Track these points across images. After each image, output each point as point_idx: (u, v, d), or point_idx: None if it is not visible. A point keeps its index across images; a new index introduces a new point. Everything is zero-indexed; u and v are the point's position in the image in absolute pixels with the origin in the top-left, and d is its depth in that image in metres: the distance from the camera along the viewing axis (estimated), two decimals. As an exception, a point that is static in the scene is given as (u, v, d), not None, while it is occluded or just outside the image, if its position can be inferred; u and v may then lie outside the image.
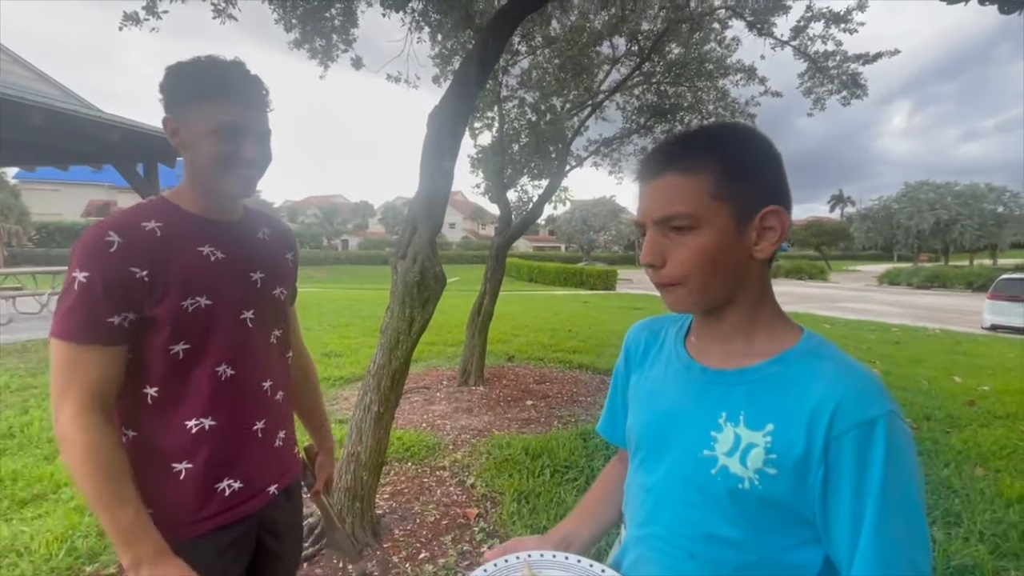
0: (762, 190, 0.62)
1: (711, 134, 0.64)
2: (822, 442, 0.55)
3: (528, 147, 5.54)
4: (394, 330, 2.26)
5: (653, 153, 0.65)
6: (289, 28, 4.13)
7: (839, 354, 0.62)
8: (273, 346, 1.00)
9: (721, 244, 0.61)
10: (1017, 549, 2.22)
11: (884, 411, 0.55)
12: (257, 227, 1.02)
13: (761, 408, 0.61)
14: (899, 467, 0.53)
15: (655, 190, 0.63)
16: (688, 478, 0.65)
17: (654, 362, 0.78)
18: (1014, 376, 5.87)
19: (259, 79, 0.92)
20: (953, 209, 29.93)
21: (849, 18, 4.84)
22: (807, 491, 0.57)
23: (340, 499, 2.18)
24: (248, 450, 0.94)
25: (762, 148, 0.63)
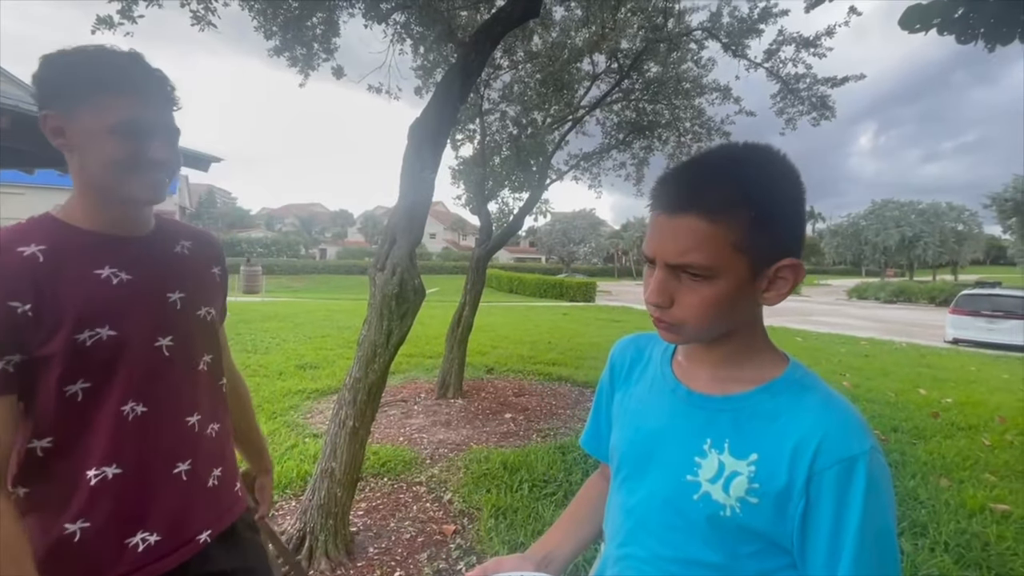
0: (784, 241, 0.59)
1: (744, 176, 0.57)
2: (804, 475, 0.56)
3: (509, 160, 5.58)
4: (371, 343, 2.23)
5: (676, 184, 0.59)
6: (269, 36, 4.09)
7: (823, 387, 0.63)
8: (202, 375, 0.89)
9: (732, 294, 0.59)
10: (980, 559, 2.28)
11: (866, 448, 0.56)
12: (173, 240, 0.90)
13: (746, 437, 0.61)
14: (877, 504, 0.55)
15: (675, 230, 0.58)
16: (669, 501, 0.65)
17: (639, 380, 0.78)
18: (975, 389, 6.09)
19: (163, 74, 0.81)
20: (917, 226, 31.20)
21: (818, 43, 5.04)
22: (786, 521, 0.58)
23: (313, 516, 2.12)
24: (168, 496, 0.82)
25: (792, 193, 0.59)
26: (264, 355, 6.30)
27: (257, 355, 6.28)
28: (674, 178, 0.60)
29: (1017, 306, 11.09)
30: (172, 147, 0.82)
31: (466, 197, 5.86)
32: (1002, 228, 20.55)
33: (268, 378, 5.15)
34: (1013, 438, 4.06)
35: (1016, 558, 2.29)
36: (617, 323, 12.81)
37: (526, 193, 5.81)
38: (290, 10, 3.75)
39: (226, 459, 0.95)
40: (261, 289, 17.46)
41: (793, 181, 0.60)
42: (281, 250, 40.17)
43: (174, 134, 0.82)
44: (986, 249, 40.62)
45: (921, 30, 2.89)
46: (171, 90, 0.82)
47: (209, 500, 0.89)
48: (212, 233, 1.02)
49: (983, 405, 5.15)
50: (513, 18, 2.73)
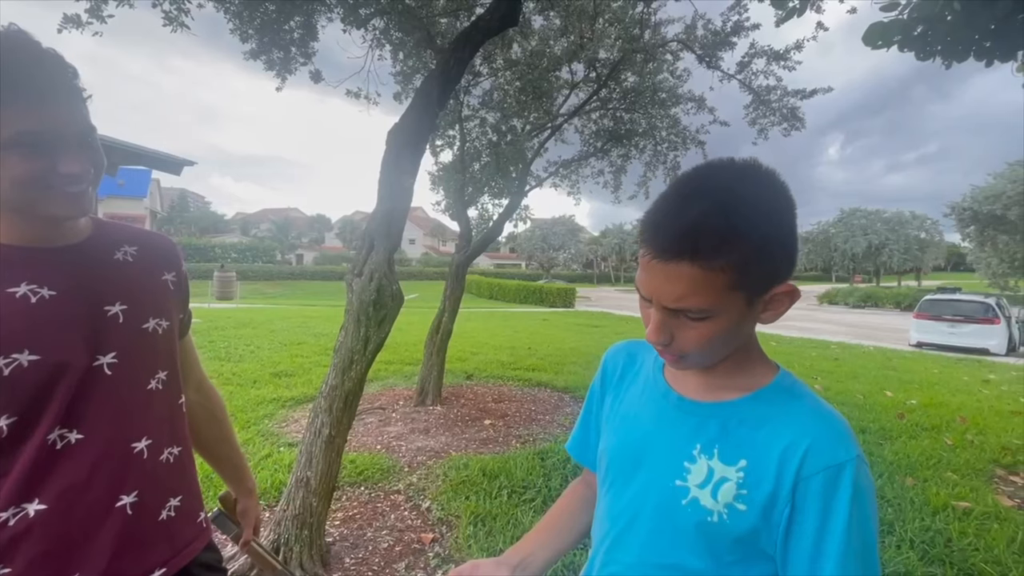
0: (778, 270, 0.59)
1: (736, 215, 0.55)
2: (791, 481, 0.57)
3: (489, 166, 5.59)
4: (348, 349, 2.20)
5: (667, 231, 0.57)
6: (245, 38, 4.03)
7: (811, 395, 0.64)
8: (154, 395, 0.80)
9: (731, 326, 0.60)
10: (943, 555, 2.36)
11: (852, 456, 0.57)
12: (113, 246, 0.80)
13: (735, 443, 0.62)
14: (862, 511, 0.55)
15: (669, 277, 0.57)
16: (658, 506, 0.65)
17: (631, 386, 0.78)
18: (938, 390, 6.33)
19: (60, 58, 0.67)
20: (883, 234, 32.36)
21: (788, 56, 5.22)
22: (772, 528, 0.58)
23: (287, 527, 2.08)
24: (107, 533, 0.72)
25: (785, 218, 0.58)
26: (238, 363, 6.15)
27: (231, 363, 6.13)
28: (664, 222, 0.58)
29: (976, 311, 11.58)
30: (87, 152, 0.70)
31: (446, 203, 5.86)
32: (961, 236, 21.44)
33: (242, 386, 5.03)
34: (973, 437, 4.23)
35: (977, 553, 2.38)
36: (596, 328, 12.91)
37: (506, 199, 5.83)
38: (267, 13, 3.71)
39: (187, 487, 0.86)
40: (235, 295, 17.04)
41: (785, 204, 0.59)
42: (256, 255, 39.31)
43: (88, 135, 0.70)
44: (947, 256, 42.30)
45: (883, 47, 3.02)
46: (73, 78, 0.69)
47: (162, 535, 0.80)
48: (165, 236, 0.92)
49: (945, 406, 5.35)
50: (492, 26, 2.76)
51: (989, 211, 17.56)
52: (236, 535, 1.06)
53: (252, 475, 1.10)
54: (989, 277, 20.85)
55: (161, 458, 0.80)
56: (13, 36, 0.65)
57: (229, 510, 1.07)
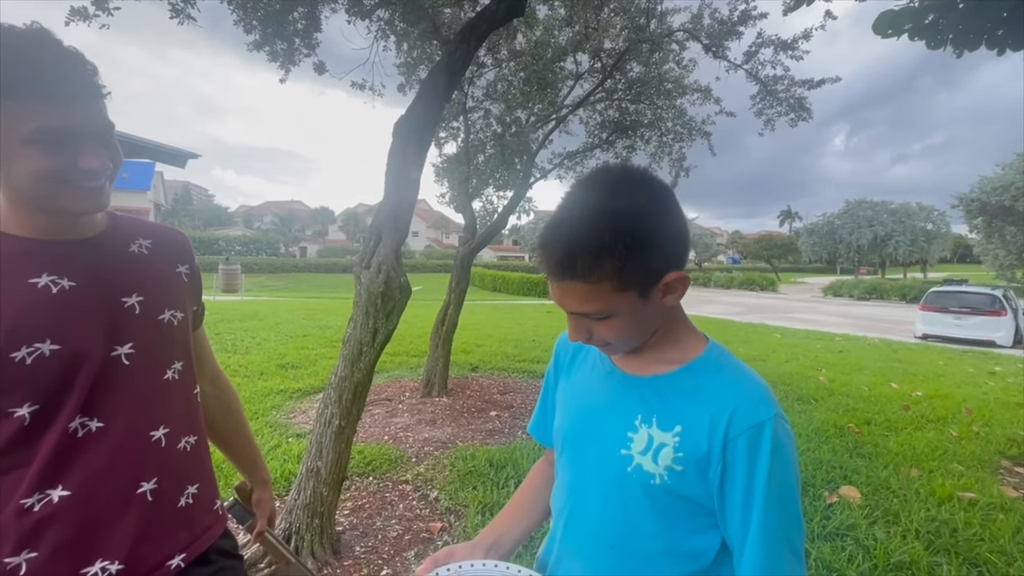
0: (661, 261, 0.65)
1: (605, 230, 0.61)
2: (721, 442, 0.64)
3: (493, 158, 5.58)
4: (357, 341, 2.22)
5: (548, 255, 0.65)
6: (249, 30, 4.02)
7: (737, 363, 0.72)
8: (171, 384, 0.81)
9: (635, 316, 0.67)
10: (949, 544, 2.38)
11: (771, 415, 0.64)
12: (128, 239, 0.82)
13: (671, 411, 0.69)
14: (781, 463, 0.63)
15: (564, 292, 0.66)
16: (607, 475, 0.72)
17: (580, 367, 0.85)
18: (943, 382, 6.32)
19: (80, 55, 0.68)
20: (888, 225, 32.09)
21: (796, 46, 5.16)
22: (708, 484, 0.66)
23: (299, 516, 2.11)
24: (129, 519, 0.74)
25: (658, 218, 0.64)
26: (244, 355, 6.19)
27: (237, 355, 6.17)
28: (545, 247, 0.65)
29: (983, 302, 11.51)
30: (106, 149, 0.71)
31: (450, 195, 5.85)
32: (969, 227, 21.26)
33: (249, 378, 5.07)
34: (979, 429, 4.23)
35: (982, 543, 2.39)
36: (600, 321, 12.89)
37: (510, 191, 5.82)
38: (271, 4, 3.69)
39: (203, 475, 0.88)
40: (240, 288, 17.12)
41: (658, 204, 0.64)
42: (260, 248, 39.41)
43: (107, 131, 0.71)
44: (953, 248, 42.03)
45: (893, 35, 2.99)
46: (93, 75, 0.69)
47: (181, 521, 0.81)
48: (177, 230, 0.93)
49: (951, 398, 5.35)
50: (498, 16, 2.74)
51: (998, 202, 17.41)
52: (250, 525, 1.08)
53: (266, 466, 1.12)
54: (996, 269, 20.72)
55: (179, 446, 0.82)
56: (36, 34, 0.65)
57: (244, 500, 1.09)
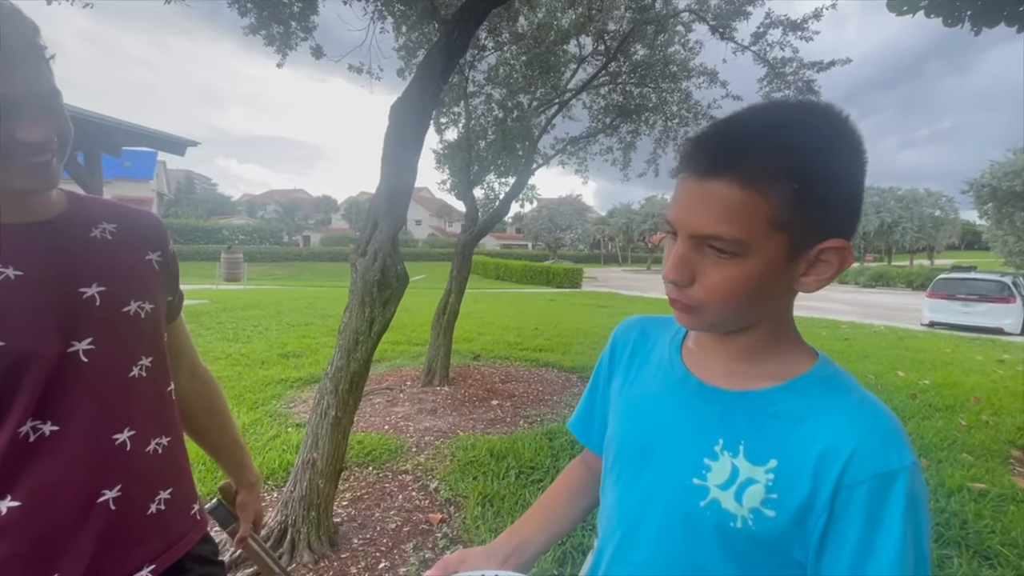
0: (832, 220, 0.51)
1: (791, 141, 0.49)
2: (831, 488, 0.50)
3: (495, 144, 5.48)
4: (353, 331, 2.17)
5: (710, 143, 0.51)
6: (244, 12, 3.92)
7: (858, 388, 0.56)
8: (138, 382, 0.74)
9: (764, 276, 0.51)
10: (959, 537, 2.33)
11: (907, 464, 0.49)
12: (89, 223, 0.74)
13: (765, 440, 0.54)
14: (916, 525, 0.48)
15: (704, 196, 0.50)
16: (671, 506, 0.59)
17: (642, 366, 0.71)
18: (951, 370, 6.24)
19: (17, 11, 0.61)
20: (896, 212, 31.78)
21: (805, 26, 5.01)
22: (805, 535, 0.52)
23: (295, 508, 2.07)
24: (90, 530, 0.67)
25: (848, 164, 0.51)
26: (246, 344, 6.18)
27: (239, 344, 6.16)
28: (708, 136, 0.51)
29: (991, 289, 11.37)
30: (51, 120, 0.63)
31: (451, 182, 5.76)
32: (979, 213, 20.96)
33: (250, 367, 5.05)
34: (988, 418, 4.17)
35: (993, 535, 2.34)
36: (603, 308, 12.86)
37: (512, 178, 5.73)
38: (265, -16, 3.59)
39: (178, 479, 0.81)
40: (243, 277, 17.12)
41: (851, 150, 0.51)
42: (264, 237, 39.42)
43: (50, 99, 0.63)
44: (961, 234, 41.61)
45: (908, 12, 2.87)
46: (34, 35, 0.61)
47: (152, 529, 0.75)
48: (149, 213, 0.85)
49: (959, 386, 5.28)
50: (498, -6, 2.64)
51: (1009, 187, 17.15)
52: (233, 529, 1.01)
53: (254, 467, 1.05)
54: (1005, 255, 20.48)
55: (148, 449, 0.75)
56: None
57: (229, 502, 1.02)
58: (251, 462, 1.04)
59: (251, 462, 1.04)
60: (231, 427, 1.02)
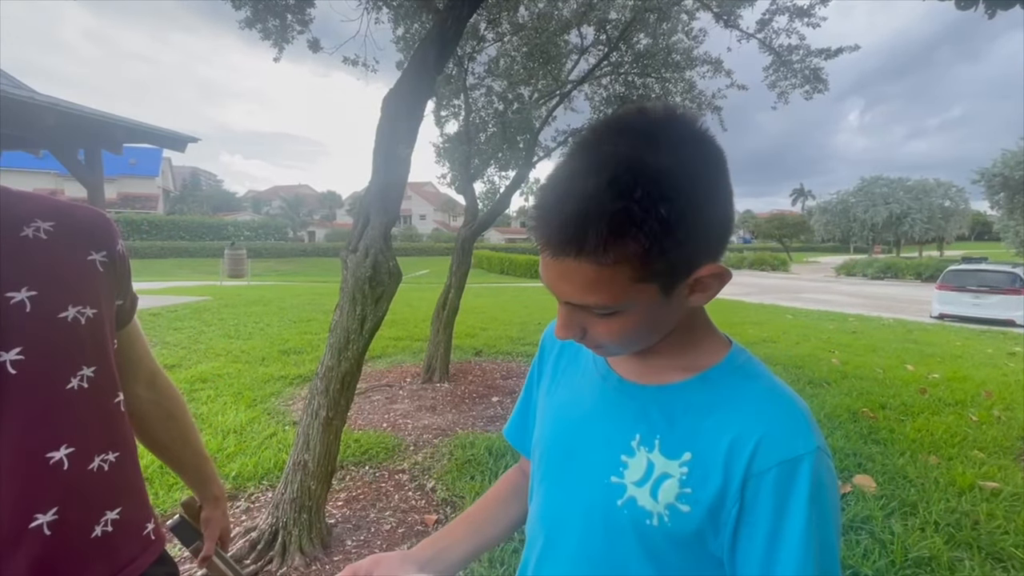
0: (700, 249, 0.48)
1: (632, 209, 0.43)
2: (740, 477, 0.49)
3: (495, 137, 5.40)
4: (344, 329, 2.12)
5: (552, 223, 0.46)
6: (239, 5, 3.86)
7: (767, 375, 0.56)
8: (77, 395, 0.68)
9: (647, 316, 0.51)
10: (970, 538, 2.25)
11: (811, 448, 0.49)
12: (20, 221, 0.67)
13: (679, 433, 0.54)
14: (821, 511, 0.47)
15: (561, 273, 0.47)
16: (591, 506, 0.57)
17: (568, 366, 0.69)
18: (961, 364, 6.13)
19: None
20: (905, 203, 31.34)
21: (812, 12, 4.88)
22: (718, 528, 0.50)
23: (286, 511, 2.03)
24: (21, 558, 0.62)
25: (702, 188, 0.46)
26: (247, 340, 6.16)
27: (240, 340, 6.14)
28: (544, 208, 0.47)
29: (1002, 281, 11.18)
30: None
31: (451, 176, 5.70)
32: (990, 203, 20.61)
33: (250, 364, 5.03)
34: (1000, 413, 4.07)
35: (1007, 537, 2.26)
36: (608, 303, 12.75)
37: (513, 171, 5.65)
38: (257, -24, 3.52)
39: (128, 497, 0.75)
40: (246, 273, 17.16)
41: (709, 168, 0.46)
42: (269, 233, 39.46)
43: None
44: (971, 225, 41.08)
45: (921, -6, 2.76)
46: None
47: (95, 553, 0.69)
48: (94, 209, 0.77)
49: (969, 380, 5.17)
50: (492, -20, 2.56)
51: (1022, 176, 16.83)
52: (196, 548, 0.94)
53: (219, 481, 0.99)
54: (1016, 246, 20.16)
55: (91, 467, 0.69)
56: None
57: (192, 518, 0.96)
58: (216, 475, 0.99)
59: (216, 475, 0.99)
60: (193, 437, 0.96)
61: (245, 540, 2.02)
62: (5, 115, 4.83)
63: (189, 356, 5.25)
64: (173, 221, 33.70)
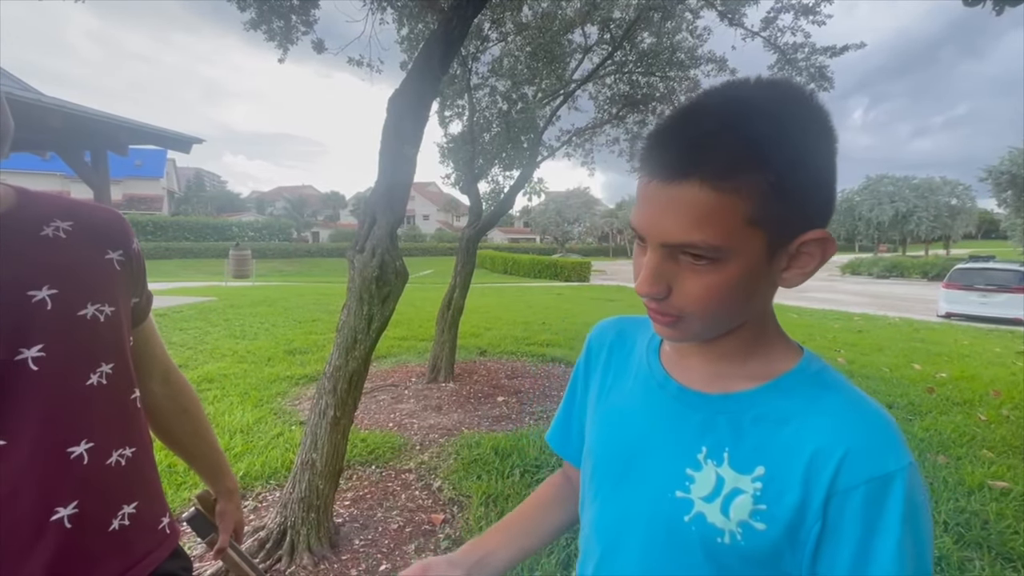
0: (810, 209, 0.47)
1: (759, 128, 0.43)
2: (823, 495, 0.45)
3: (499, 136, 5.40)
4: (351, 328, 2.12)
5: (672, 143, 0.45)
6: (244, 7, 3.88)
7: (847, 385, 0.52)
8: (96, 391, 0.69)
9: (745, 278, 0.47)
10: (980, 538, 2.24)
11: (903, 464, 0.45)
12: (40, 221, 0.69)
13: (750, 446, 0.50)
14: (916, 532, 0.44)
15: (672, 202, 0.45)
16: (653, 521, 0.54)
17: (620, 372, 0.66)
18: (969, 363, 6.09)
19: None
20: (911, 201, 31.18)
21: (817, 10, 4.86)
22: (797, 547, 0.47)
23: (294, 510, 2.04)
24: (42, 550, 0.63)
25: (822, 146, 0.46)
26: (252, 340, 6.18)
27: (245, 341, 6.17)
28: (669, 134, 0.46)
29: (1010, 279, 11.10)
30: None
31: (455, 176, 5.70)
32: (997, 201, 20.48)
33: (256, 364, 5.05)
34: (1009, 412, 4.04)
35: (1017, 536, 2.25)
36: (612, 302, 12.76)
37: (517, 170, 5.65)
38: (263, -23, 3.54)
39: (144, 492, 0.77)
40: (251, 273, 17.23)
41: (823, 130, 0.46)
42: (273, 234, 39.60)
43: None
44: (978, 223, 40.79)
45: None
46: None
47: (114, 547, 0.70)
48: (110, 209, 0.79)
49: (977, 379, 5.14)
50: (497, -20, 2.56)
51: (1028, 175, 16.72)
52: (211, 540, 0.96)
53: (233, 474, 1.01)
54: (1024, 244, 20.02)
55: (108, 462, 0.70)
56: None
57: (207, 511, 0.97)
58: (229, 469, 1.00)
59: (229, 469, 1.00)
60: (207, 432, 0.98)
61: (254, 539, 2.03)
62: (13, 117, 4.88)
63: (195, 356, 5.28)
64: (178, 222, 33.86)
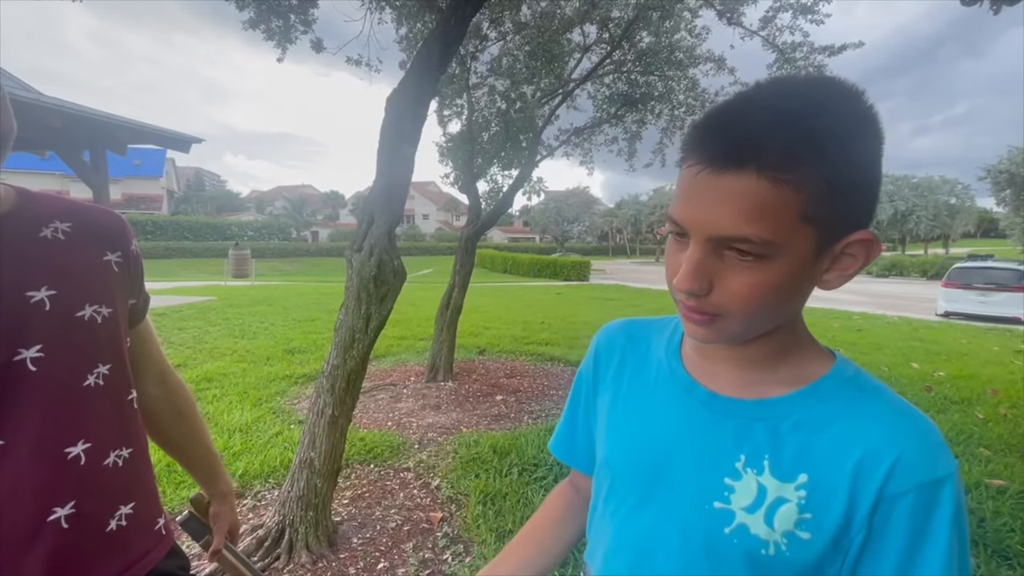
0: (859, 209, 0.46)
1: (818, 122, 0.42)
2: (871, 500, 0.45)
3: (498, 136, 5.41)
4: (349, 328, 2.13)
5: (727, 130, 0.44)
6: (242, 6, 3.88)
7: (885, 389, 0.51)
8: (94, 391, 0.69)
9: (792, 277, 0.46)
10: (976, 535, 2.25)
11: (951, 470, 0.45)
12: (39, 222, 0.69)
13: (791, 453, 0.49)
14: (961, 537, 0.44)
15: (724, 193, 0.43)
16: (690, 534, 0.52)
17: (634, 377, 0.63)
18: (967, 361, 6.10)
19: None
20: (910, 200, 31.24)
21: (816, 9, 4.86)
22: (839, 554, 0.47)
23: (292, 508, 2.05)
24: (39, 550, 0.63)
25: (872, 145, 0.45)
26: (252, 340, 6.19)
27: (244, 340, 6.17)
28: (721, 123, 0.44)
29: (1009, 278, 11.11)
30: None
31: (454, 176, 5.71)
32: (996, 200, 20.51)
33: (255, 364, 5.05)
34: (1006, 411, 4.05)
35: (1013, 534, 2.26)
36: (611, 301, 12.76)
37: (516, 170, 5.66)
38: (261, -24, 3.54)
39: (141, 492, 0.76)
40: (251, 273, 17.23)
41: (875, 130, 0.45)
42: (272, 233, 39.59)
43: None
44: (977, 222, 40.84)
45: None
46: None
47: (111, 547, 0.71)
48: (109, 211, 0.79)
49: (975, 378, 5.15)
50: (495, -21, 2.56)
51: (1027, 174, 16.74)
52: (206, 542, 0.96)
53: (227, 477, 1.00)
54: (1023, 243, 20.05)
55: (106, 462, 0.70)
56: None
57: (201, 513, 0.97)
58: (224, 471, 1.00)
59: (224, 471, 1.00)
60: (202, 434, 0.98)
61: (252, 538, 2.04)
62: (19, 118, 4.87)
63: (194, 356, 5.28)
64: (177, 222, 33.85)
